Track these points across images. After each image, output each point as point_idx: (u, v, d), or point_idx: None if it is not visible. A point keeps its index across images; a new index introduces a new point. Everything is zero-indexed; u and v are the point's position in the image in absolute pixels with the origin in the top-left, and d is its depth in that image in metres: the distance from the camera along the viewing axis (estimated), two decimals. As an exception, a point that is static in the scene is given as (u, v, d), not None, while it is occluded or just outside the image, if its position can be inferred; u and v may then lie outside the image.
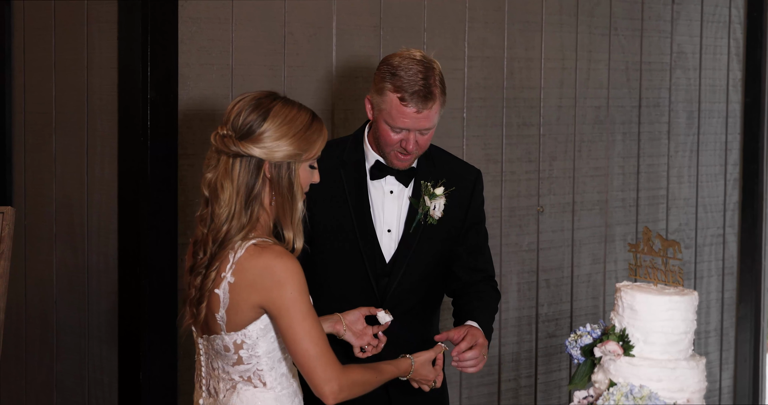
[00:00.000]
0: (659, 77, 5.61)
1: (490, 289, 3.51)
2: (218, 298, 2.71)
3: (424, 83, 3.23)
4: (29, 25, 4.64)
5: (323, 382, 2.70)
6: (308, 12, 4.39)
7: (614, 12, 5.39)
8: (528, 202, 5.10)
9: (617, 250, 5.47)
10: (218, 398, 2.81)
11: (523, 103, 5.08)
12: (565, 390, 5.28)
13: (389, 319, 3.19)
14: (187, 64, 4.14)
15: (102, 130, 4.31)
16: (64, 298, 4.53)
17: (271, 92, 2.77)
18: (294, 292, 2.66)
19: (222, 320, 2.72)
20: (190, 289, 2.78)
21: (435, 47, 4.75)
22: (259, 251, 2.68)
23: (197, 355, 2.88)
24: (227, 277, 2.69)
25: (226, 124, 2.72)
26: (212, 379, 2.83)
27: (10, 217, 3.84)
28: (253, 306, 2.70)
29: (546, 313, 5.22)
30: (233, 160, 2.70)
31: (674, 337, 2.58)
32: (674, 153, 5.72)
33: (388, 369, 2.94)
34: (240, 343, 2.74)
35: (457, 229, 3.43)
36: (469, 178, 3.47)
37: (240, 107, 2.72)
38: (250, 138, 2.69)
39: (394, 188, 3.40)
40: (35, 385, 4.67)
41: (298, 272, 2.67)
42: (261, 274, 2.67)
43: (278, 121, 2.70)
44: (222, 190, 2.70)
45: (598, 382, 2.63)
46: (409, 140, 3.27)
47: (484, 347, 3.27)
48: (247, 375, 2.77)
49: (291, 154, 2.70)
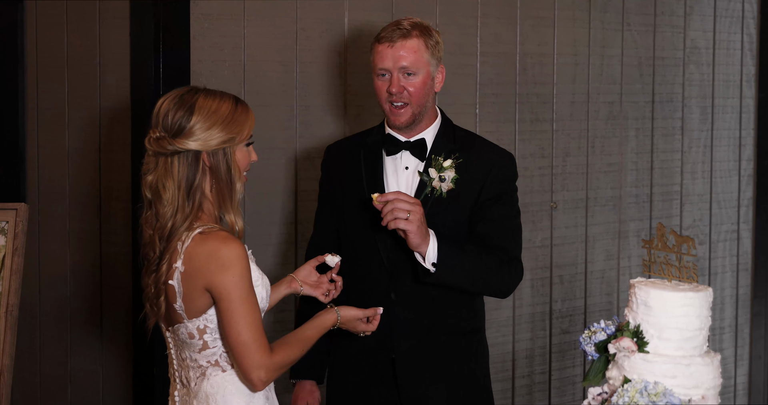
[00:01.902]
0: (672, 73, 5.60)
1: (492, 254, 3.33)
2: (173, 289, 2.79)
3: (397, 22, 3.36)
4: (42, 22, 4.65)
5: (251, 368, 2.76)
6: (320, 8, 4.39)
7: (627, 7, 5.37)
8: (541, 198, 5.09)
9: (631, 246, 5.46)
10: (190, 387, 2.87)
11: (536, 98, 5.07)
12: (578, 386, 5.27)
13: (338, 260, 3.21)
14: (199, 60, 4.14)
15: (114, 127, 4.31)
16: (78, 294, 4.54)
17: (191, 87, 2.86)
18: (236, 276, 2.73)
19: (181, 309, 2.79)
20: (148, 287, 2.85)
21: (447, 43, 4.74)
22: (204, 238, 2.76)
23: (168, 349, 2.94)
24: (178, 267, 2.77)
25: (156, 127, 2.81)
26: (183, 370, 2.89)
27: (24, 214, 3.84)
28: (202, 290, 2.76)
29: (559, 310, 5.21)
30: (171, 158, 2.79)
31: (689, 333, 2.57)
32: (688, 149, 5.70)
33: (312, 334, 2.96)
34: (203, 328, 2.81)
35: (470, 204, 3.39)
36: (490, 157, 3.44)
37: (166, 108, 2.81)
38: (182, 134, 2.77)
39: (410, 164, 3.41)
40: (49, 380, 4.68)
41: (242, 256, 2.75)
42: (207, 259, 2.74)
43: (204, 112, 2.79)
44: (164, 189, 2.79)
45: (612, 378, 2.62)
46: (393, 82, 3.32)
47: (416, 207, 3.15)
48: (214, 359, 2.83)
49: (225, 139, 2.79)
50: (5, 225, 3.85)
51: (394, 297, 3.39)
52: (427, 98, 3.37)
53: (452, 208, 3.36)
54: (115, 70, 4.29)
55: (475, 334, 3.49)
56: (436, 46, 3.37)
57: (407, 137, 3.41)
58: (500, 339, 5.01)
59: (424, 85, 3.34)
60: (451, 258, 3.21)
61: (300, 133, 4.39)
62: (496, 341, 4.99)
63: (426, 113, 3.39)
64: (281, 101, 4.34)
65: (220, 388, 2.83)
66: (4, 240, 3.84)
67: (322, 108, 4.42)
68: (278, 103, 4.32)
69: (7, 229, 3.84)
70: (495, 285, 3.34)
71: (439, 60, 3.39)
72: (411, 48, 3.32)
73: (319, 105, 4.41)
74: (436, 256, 3.18)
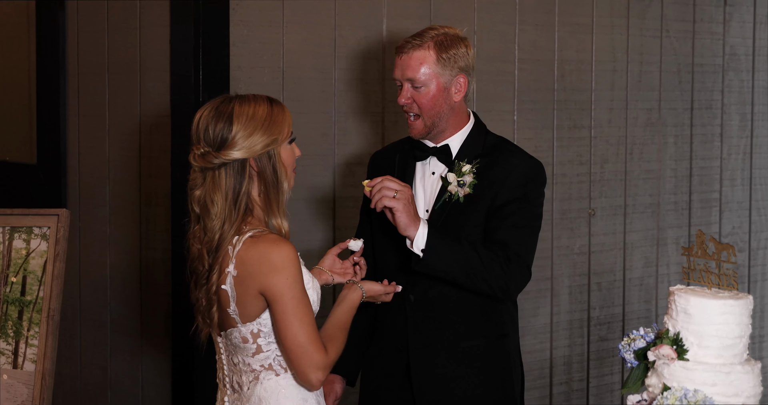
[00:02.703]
0: (711, 79, 5.57)
1: (491, 249, 3.26)
2: (226, 294, 2.79)
3: (419, 32, 3.36)
4: (83, 29, 4.69)
5: (311, 370, 2.77)
6: (358, 15, 4.41)
7: (666, 14, 5.36)
8: (579, 205, 5.08)
9: (669, 254, 5.44)
10: (242, 392, 2.87)
11: (574, 105, 5.06)
12: (617, 393, 5.25)
13: (361, 243, 3.22)
14: (238, 66, 4.16)
15: (155, 133, 4.34)
16: (118, 300, 4.57)
17: (223, 97, 2.87)
18: (290, 278, 2.74)
19: (235, 313, 2.80)
20: (199, 301, 2.86)
21: (485, 50, 4.75)
22: (255, 241, 2.76)
23: (218, 354, 2.94)
24: (231, 272, 2.78)
25: (198, 143, 2.82)
26: (234, 375, 2.89)
27: (65, 220, 3.88)
28: (256, 294, 2.77)
29: (598, 317, 5.19)
30: (218, 171, 2.81)
31: (729, 341, 2.56)
32: (727, 155, 5.67)
33: (348, 318, 2.99)
34: (257, 332, 2.81)
35: (485, 208, 3.35)
36: (512, 162, 3.40)
37: (204, 122, 2.82)
38: (226, 145, 2.79)
39: (436, 169, 3.42)
40: (90, 385, 4.71)
41: (294, 258, 2.76)
42: (259, 262, 2.75)
43: (243, 119, 2.80)
44: (212, 204, 2.81)
45: (651, 386, 2.62)
46: (402, 93, 3.34)
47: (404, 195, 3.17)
48: (268, 362, 2.84)
49: (268, 142, 2.81)
50: (47, 231, 3.88)
51: (413, 298, 3.39)
52: (440, 109, 3.35)
53: (469, 213, 3.35)
54: (155, 77, 4.32)
55: (500, 340, 3.45)
56: (452, 58, 3.33)
57: (434, 143, 3.43)
58: (538, 346, 5.00)
59: (434, 97, 3.33)
60: (440, 244, 3.18)
61: (338, 140, 4.40)
62: (534, 348, 4.98)
63: (445, 122, 3.38)
64: (320, 108, 4.35)
65: (274, 392, 2.83)
66: (46, 245, 3.87)
67: (361, 115, 4.43)
68: (317, 109, 4.34)
69: (49, 234, 3.88)
70: (492, 281, 3.24)
71: (458, 70, 3.34)
72: (418, 60, 3.31)
73: (357, 111, 4.43)
74: (425, 241, 3.17)
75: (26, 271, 3.90)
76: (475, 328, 3.41)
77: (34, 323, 3.84)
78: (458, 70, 3.35)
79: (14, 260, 3.91)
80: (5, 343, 3.85)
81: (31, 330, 3.84)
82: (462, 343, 3.40)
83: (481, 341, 3.42)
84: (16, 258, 3.92)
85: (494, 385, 3.44)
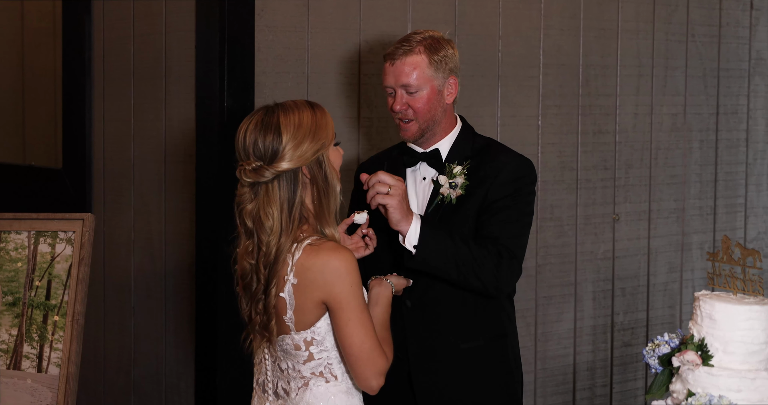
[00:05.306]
0: (737, 84, 5.55)
1: (482, 245, 3.27)
2: (284, 301, 2.77)
3: (405, 37, 3.36)
4: (108, 35, 4.71)
5: (375, 375, 2.78)
6: (383, 20, 4.41)
7: (691, 18, 5.34)
8: (603, 210, 5.07)
9: (694, 259, 5.42)
10: (290, 397, 2.85)
11: (599, 110, 5.05)
12: (640, 399, 5.24)
13: (365, 214, 3.19)
14: (263, 72, 4.17)
15: (179, 138, 4.36)
16: (142, 304, 4.58)
17: (265, 109, 2.84)
18: (353, 286, 2.74)
19: (291, 321, 2.79)
20: (254, 317, 2.84)
21: (510, 55, 4.74)
22: (315, 249, 2.75)
23: (260, 360, 2.92)
24: (290, 279, 2.76)
25: (248, 158, 2.79)
26: (281, 381, 2.88)
27: (90, 224, 3.90)
28: (318, 303, 2.76)
29: (621, 322, 5.18)
30: (271, 184, 2.78)
31: (754, 347, 2.55)
32: (753, 161, 5.65)
33: (388, 314, 2.97)
34: (310, 340, 2.80)
35: (477, 207, 3.36)
36: (501, 160, 3.40)
37: (252, 137, 2.78)
38: (277, 157, 2.76)
39: (427, 174, 3.42)
40: (114, 390, 4.73)
41: (354, 265, 2.76)
42: (322, 270, 2.73)
43: (291, 129, 2.77)
44: (266, 217, 2.78)
45: (676, 391, 2.61)
46: (396, 100, 3.34)
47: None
48: (319, 370, 2.83)
49: (317, 148, 2.79)
50: (72, 235, 3.90)
51: (409, 304, 3.39)
52: (434, 112, 3.36)
53: (462, 213, 3.36)
54: (180, 82, 4.34)
55: (500, 340, 3.47)
56: (443, 60, 3.34)
57: (423, 148, 3.43)
58: (561, 351, 4.99)
59: (429, 100, 3.34)
60: (432, 239, 3.19)
61: (362, 145, 4.41)
62: (557, 353, 4.97)
63: (438, 125, 3.39)
64: (344, 113, 4.36)
65: (323, 398, 2.82)
66: (71, 250, 3.89)
67: (385, 120, 4.44)
68: (341, 114, 4.35)
69: (74, 239, 3.90)
70: (484, 276, 3.24)
71: (449, 72, 3.36)
72: (411, 65, 3.32)
73: (381, 117, 4.43)
74: (417, 238, 3.18)
75: (51, 275, 3.92)
76: (473, 329, 3.43)
77: (58, 327, 3.86)
78: (449, 71, 3.37)
79: (39, 264, 3.94)
80: (30, 347, 3.87)
81: (55, 334, 3.85)
82: (462, 345, 3.41)
83: (481, 342, 3.43)
84: (41, 262, 3.94)
85: (496, 386, 3.46)
